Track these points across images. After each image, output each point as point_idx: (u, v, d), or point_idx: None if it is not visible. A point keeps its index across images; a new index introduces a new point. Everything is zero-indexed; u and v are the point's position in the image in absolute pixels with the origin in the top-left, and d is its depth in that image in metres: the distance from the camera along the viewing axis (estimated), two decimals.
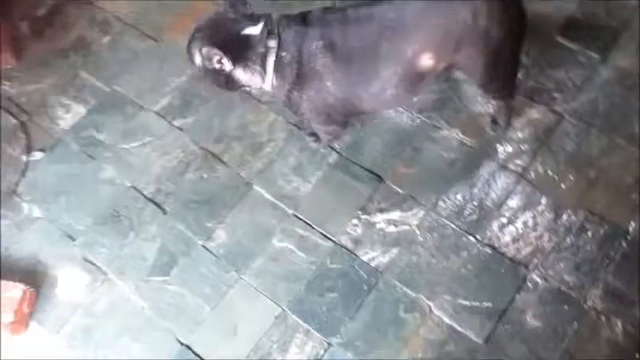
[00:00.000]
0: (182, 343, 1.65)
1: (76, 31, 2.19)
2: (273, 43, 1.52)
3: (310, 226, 1.78)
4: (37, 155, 1.99)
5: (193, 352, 1.63)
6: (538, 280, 1.62)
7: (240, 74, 1.56)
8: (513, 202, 1.75)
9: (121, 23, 2.18)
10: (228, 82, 1.58)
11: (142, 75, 2.08)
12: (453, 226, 1.74)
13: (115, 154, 1.96)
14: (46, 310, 1.74)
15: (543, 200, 1.73)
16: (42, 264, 1.81)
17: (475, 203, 1.76)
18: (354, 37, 1.52)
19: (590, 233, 1.67)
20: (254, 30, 1.52)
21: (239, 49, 1.52)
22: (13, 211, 1.91)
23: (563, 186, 1.75)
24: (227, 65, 1.52)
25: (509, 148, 1.83)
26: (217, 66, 1.51)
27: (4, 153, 1.98)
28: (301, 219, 1.79)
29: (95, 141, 1.99)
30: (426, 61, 1.51)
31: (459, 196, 1.78)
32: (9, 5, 2.21)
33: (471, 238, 1.71)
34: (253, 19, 1.53)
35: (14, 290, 1.71)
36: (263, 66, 1.54)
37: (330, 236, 1.76)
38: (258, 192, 1.85)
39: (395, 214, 1.77)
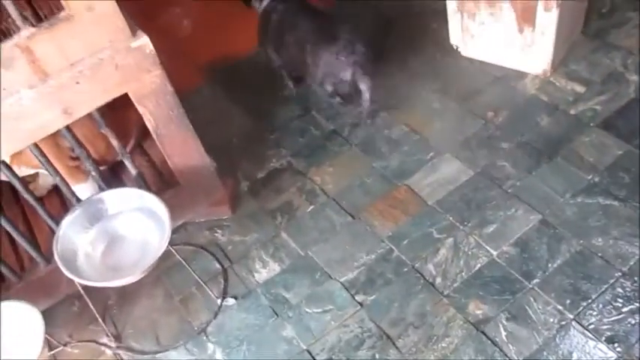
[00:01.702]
0: None
1: (285, 196, 2.47)
2: None
3: None
4: (230, 301, 2.20)
5: None
6: None
7: None
8: None
9: (325, 196, 2.43)
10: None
11: (335, 246, 2.26)
12: None
13: (297, 315, 2.10)
14: None
15: None
16: None
17: None
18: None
19: None
20: None
21: None
22: (199, 349, 2.10)
23: None
24: None
25: None
26: None
27: (204, 293, 2.22)
28: None
29: (282, 299, 2.16)
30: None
31: None
32: (236, 167, 2.60)
33: None
34: None
35: None
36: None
37: None
38: None
39: None
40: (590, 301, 1.92)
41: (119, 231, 2.03)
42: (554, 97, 2.51)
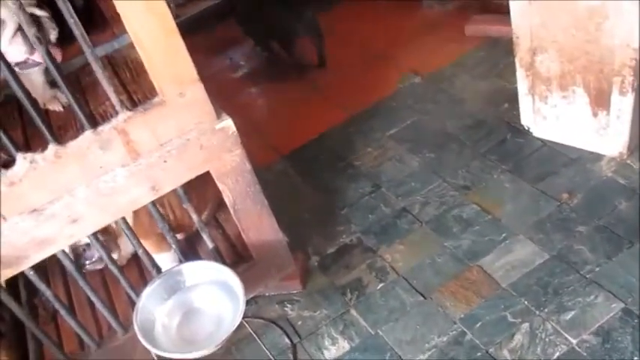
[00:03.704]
0: None
1: (356, 272, 2.48)
2: None
3: None
4: None
5: None
6: None
7: None
8: None
9: (395, 274, 2.42)
10: None
11: (406, 326, 2.23)
12: None
13: None
14: None
15: None
16: None
17: None
18: None
19: None
20: None
21: None
22: None
23: None
24: None
25: None
26: None
27: None
28: None
29: None
30: None
31: None
32: (307, 242, 2.65)
33: None
34: None
35: None
36: None
37: None
38: None
39: None
40: None
41: (195, 303, 2.08)
42: (633, 181, 2.45)
